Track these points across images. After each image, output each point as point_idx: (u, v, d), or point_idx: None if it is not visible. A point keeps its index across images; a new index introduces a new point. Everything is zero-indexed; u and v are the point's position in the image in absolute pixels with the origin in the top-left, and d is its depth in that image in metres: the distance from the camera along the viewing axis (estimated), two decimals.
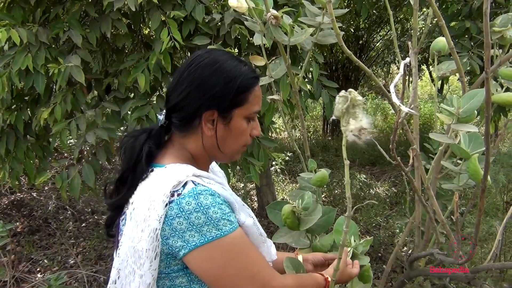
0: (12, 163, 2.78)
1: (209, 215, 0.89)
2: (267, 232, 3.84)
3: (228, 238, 0.91)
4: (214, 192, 0.93)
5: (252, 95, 1.04)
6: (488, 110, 0.90)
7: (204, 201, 0.90)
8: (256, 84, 1.05)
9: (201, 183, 0.94)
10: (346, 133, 0.92)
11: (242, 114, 1.03)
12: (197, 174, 0.97)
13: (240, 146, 1.08)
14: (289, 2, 2.56)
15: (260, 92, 1.08)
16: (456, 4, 3.31)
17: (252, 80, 1.04)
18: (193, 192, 0.91)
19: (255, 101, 1.05)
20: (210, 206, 0.90)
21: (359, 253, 1.24)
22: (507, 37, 1.36)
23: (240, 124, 1.04)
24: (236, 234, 0.92)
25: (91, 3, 2.52)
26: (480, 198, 1.06)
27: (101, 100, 2.70)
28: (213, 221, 0.89)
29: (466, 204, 2.46)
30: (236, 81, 1.01)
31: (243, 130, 1.05)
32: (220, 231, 0.90)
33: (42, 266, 3.57)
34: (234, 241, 0.92)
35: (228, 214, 0.92)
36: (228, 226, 0.91)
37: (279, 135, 7.92)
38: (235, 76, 1.02)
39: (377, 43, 8.36)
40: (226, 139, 1.05)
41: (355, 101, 0.91)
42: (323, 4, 1.28)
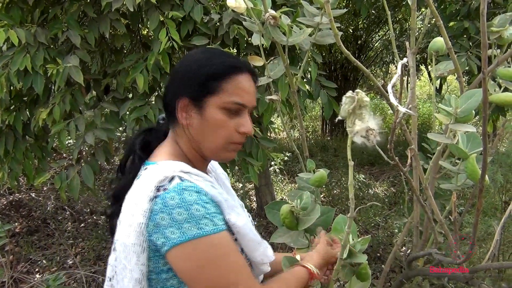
0: (11, 163, 2.78)
1: (191, 212, 0.86)
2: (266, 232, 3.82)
3: (207, 239, 0.87)
4: (201, 190, 0.90)
5: (230, 85, 0.98)
6: (485, 110, 0.90)
7: (188, 197, 0.88)
8: (236, 73, 0.99)
9: (188, 179, 0.92)
10: (351, 134, 0.91)
11: (216, 103, 0.98)
12: (186, 171, 0.94)
13: (223, 141, 1.00)
14: (288, 2, 2.56)
15: (247, 84, 1.01)
16: (455, 4, 3.31)
17: (230, 68, 0.99)
18: (178, 187, 0.89)
19: (235, 92, 0.98)
20: (194, 203, 0.87)
21: (357, 251, 1.24)
22: (505, 37, 1.37)
23: (215, 114, 0.98)
24: (217, 236, 0.88)
25: (89, 4, 2.52)
26: (478, 198, 1.06)
27: (100, 100, 2.70)
28: (194, 219, 0.86)
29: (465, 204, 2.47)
30: (209, 67, 0.98)
31: (220, 122, 0.98)
32: (201, 230, 0.86)
33: (41, 266, 3.57)
34: (213, 243, 0.88)
35: (212, 214, 0.89)
36: (209, 226, 0.87)
37: (277, 135, 7.92)
38: (210, 63, 0.99)
39: (375, 43, 8.36)
40: (203, 131, 1.00)
41: (362, 102, 0.90)
42: (322, 4, 1.28)
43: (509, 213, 1.31)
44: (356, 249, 1.23)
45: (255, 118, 2.75)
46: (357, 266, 1.27)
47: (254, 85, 1.04)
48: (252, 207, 4.79)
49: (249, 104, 1.01)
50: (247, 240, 0.97)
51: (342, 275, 1.28)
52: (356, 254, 1.23)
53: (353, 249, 1.22)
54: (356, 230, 1.31)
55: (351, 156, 0.97)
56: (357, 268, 1.26)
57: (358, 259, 1.22)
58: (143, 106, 2.51)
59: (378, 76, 10.44)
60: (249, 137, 2.60)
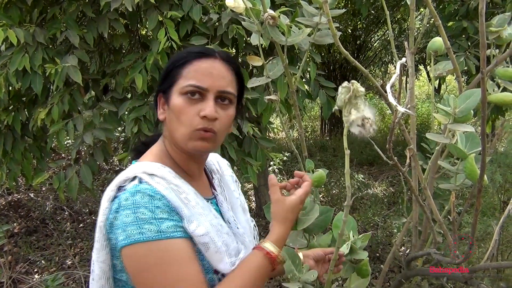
0: (10, 164, 2.78)
1: (137, 215, 0.84)
2: (265, 232, 3.83)
3: (147, 245, 0.83)
4: (156, 193, 0.87)
5: (186, 70, 0.96)
6: (484, 110, 0.90)
7: (139, 200, 0.86)
8: (196, 58, 0.97)
9: (147, 181, 0.89)
10: (347, 123, 0.93)
11: (177, 90, 0.96)
12: (149, 172, 0.92)
13: (186, 129, 0.94)
14: (287, 2, 2.56)
15: (208, 66, 0.97)
16: (453, 4, 3.32)
17: (190, 54, 0.98)
18: (133, 188, 0.88)
19: (191, 75, 0.95)
20: (141, 206, 0.85)
21: (357, 248, 1.24)
22: (503, 37, 1.37)
23: (176, 101, 0.95)
24: (159, 243, 0.84)
25: (88, 3, 2.51)
26: (477, 198, 1.06)
27: (99, 100, 2.70)
28: (138, 222, 0.84)
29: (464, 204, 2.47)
30: (174, 59, 0.99)
31: (179, 108, 0.94)
32: (142, 235, 0.83)
33: (39, 267, 3.57)
34: (153, 249, 0.84)
35: (159, 219, 0.85)
36: (152, 232, 0.83)
37: (276, 135, 7.92)
38: (176, 56, 1.00)
39: (374, 43, 8.37)
40: (171, 121, 0.97)
41: (357, 92, 0.92)
42: (320, 4, 1.28)
43: (508, 213, 1.31)
44: (356, 245, 1.23)
45: (254, 118, 2.75)
46: (358, 263, 1.28)
47: (224, 70, 0.99)
48: (251, 207, 4.79)
49: (211, 88, 0.95)
50: (210, 251, 0.91)
51: (342, 271, 1.28)
52: (357, 250, 1.23)
53: (354, 246, 1.22)
54: (356, 226, 1.32)
55: (347, 145, 0.98)
56: (358, 265, 1.27)
57: (359, 256, 1.23)
58: (142, 106, 2.51)
59: (377, 76, 10.45)
60: (248, 137, 2.62)
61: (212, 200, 1.08)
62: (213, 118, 0.94)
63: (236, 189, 1.20)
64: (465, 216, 2.99)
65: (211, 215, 0.97)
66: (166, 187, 0.90)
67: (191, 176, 1.04)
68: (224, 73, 0.99)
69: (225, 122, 0.99)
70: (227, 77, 0.99)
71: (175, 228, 0.86)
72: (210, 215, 0.97)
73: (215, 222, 0.97)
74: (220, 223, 0.99)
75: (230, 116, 1.00)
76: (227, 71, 1.00)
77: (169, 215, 0.87)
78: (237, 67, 1.04)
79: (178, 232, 0.86)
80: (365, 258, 1.24)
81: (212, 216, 0.97)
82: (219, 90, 0.96)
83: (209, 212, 0.98)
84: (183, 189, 0.94)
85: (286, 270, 1.17)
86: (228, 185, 1.17)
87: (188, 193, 0.95)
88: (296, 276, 1.15)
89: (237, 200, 1.16)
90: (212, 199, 1.08)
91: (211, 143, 0.97)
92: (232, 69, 1.01)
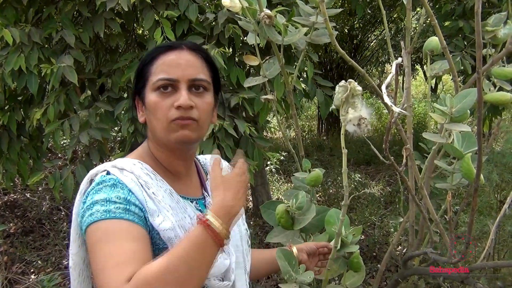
0: (6, 164, 2.77)
1: (93, 199, 0.85)
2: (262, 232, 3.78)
3: (94, 225, 0.83)
4: (118, 183, 0.88)
5: (155, 66, 0.96)
6: (480, 109, 0.90)
7: (100, 187, 0.87)
8: (162, 53, 0.96)
9: (114, 174, 0.90)
10: (344, 122, 0.93)
11: (149, 88, 0.96)
12: (120, 167, 0.92)
13: (164, 123, 0.94)
14: (283, 1, 2.56)
15: (174, 57, 0.96)
16: (450, 4, 3.32)
17: (156, 50, 0.97)
18: (100, 178, 0.90)
19: (159, 69, 0.95)
20: (100, 192, 0.86)
21: (348, 242, 1.24)
22: (499, 37, 1.37)
23: (150, 98, 0.95)
24: (103, 223, 0.82)
25: (84, 3, 2.50)
26: (473, 197, 1.06)
27: (95, 100, 2.69)
28: (91, 206, 0.85)
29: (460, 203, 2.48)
30: (142, 58, 0.99)
31: (154, 104, 0.94)
32: (91, 217, 0.83)
33: (36, 267, 3.55)
34: (98, 228, 0.82)
35: (111, 202, 0.84)
36: (99, 213, 0.83)
37: (273, 134, 7.92)
38: (145, 54, 1.00)
39: (371, 42, 8.38)
40: (150, 120, 0.97)
41: (354, 91, 0.93)
42: (317, 3, 1.28)
43: (504, 212, 1.31)
44: (348, 239, 1.23)
45: (251, 117, 2.75)
46: (350, 257, 1.28)
47: (193, 59, 0.97)
48: (248, 206, 4.79)
49: (180, 78, 0.94)
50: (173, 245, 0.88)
51: (336, 267, 1.28)
52: (348, 244, 1.23)
53: (344, 239, 1.22)
54: (348, 222, 1.32)
55: (344, 145, 0.99)
56: (350, 259, 1.27)
57: (349, 249, 1.23)
58: None
59: (373, 76, 10.47)
60: (244, 136, 2.61)
61: (199, 201, 1.06)
62: (188, 106, 0.92)
63: None
64: (462, 215, 3.00)
65: (184, 215, 0.95)
66: (131, 180, 0.89)
67: (176, 175, 1.03)
68: (192, 62, 0.97)
69: (204, 109, 0.97)
70: (197, 64, 0.98)
71: (125, 211, 0.84)
72: (182, 215, 0.95)
73: (187, 222, 0.95)
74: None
75: (208, 103, 0.98)
76: (196, 59, 0.98)
77: (125, 200, 0.85)
78: (206, 54, 1.02)
79: (128, 215, 0.84)
80: (355, 250, 1.24)
81: (183, 216, 0.95)
82: (189, 79, 0.95)
83: (183, 212, 0.96)
84: (151, 186, 0.92)
85: (282, 271, 1.17)
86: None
87: (157, 191, 0.93)
88: (293, 277, 1.15)
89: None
90: (200, 200, 1.07)
91: (192, 131, 0.95)
92: (201, 57, 1.00)
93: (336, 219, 1.28)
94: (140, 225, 0.85)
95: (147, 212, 0.88)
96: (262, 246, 3.66)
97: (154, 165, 1.00)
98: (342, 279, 1.33)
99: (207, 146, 2.30)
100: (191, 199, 1.03)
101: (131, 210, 0.85)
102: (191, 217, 0.97)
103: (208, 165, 1.18)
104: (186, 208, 0.98)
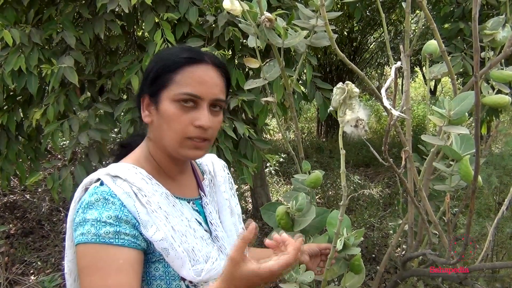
0: (3, 164, 2.77)
1: (85, 216, 0.86)
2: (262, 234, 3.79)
3: (84, 246, 0.84)
4: (112, 196, 0.88)
5: (180, 76, 0.94)
6: (478, 112, 0.91)
7: (93, 201, 0.87)
8: (189, 64, 0.95)
9: (107, 184, 0.90)
10: (342, 124, 0.95)
11: (169, 96, 0.94)
12: (113, 174, 0.92)
13: (178, 137, 0.93)
14: (283, 4, 2.57)
15: (202, 74, 0.95)
16: (449, 6, 3.33)
17: (181, 59, 0.95)
18: (93, 190, 0.89)
19: (186, 83, 0.93)
20: (93, 208, 0.86)
21: (350, 244, 1.25)
22: (498, 40, 1.38)
23: (167, 107, 0.93)
24: (92, 247, 0.84)
25: (84, 5, 2.51)
26: (471, 199, 1.07)
27: (94, 101, 2.70)
28: (84, 223, 0.85)
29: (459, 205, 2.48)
30: (163, 61, 0.97)
31: (172, 116, 0.93)
32: (83, 236, 0.84)
33: (36, 268, 3.55)
34: (87, 251, 0.84)
35: (102, 223, 0.84)
36: (90, 235, 0.84)
37: (273, 136, 7.93)
38: (165, 57, 0.97)
39: (371, 45, 8.40)
40: (161, 127, 0.95)
41: (352, 93, 0.94)
42: (317, 7, 1.29)
43: (502, 213, 1.32)
44: (350, 242, 1.24)
45: (250, 120, 2.76)
46: (351, 259, 1.29)
47: (216, 77, 0.97)
48: (248, 208, 4.80)
49: (205, 96, 0.94)
50: (169, 257, 0.90)
51: (336, 268, 1.29)
52: (349, 246, 1.24)
53: (347, 242, 1.23)
54: (350, 224, 1.32)
55: (343, 146, 1.00)
56: (351, 261, 1.28)
57: (351, 251, 1.24)
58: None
59: (373, 78, 10.48)
60: (243, 138, 2.62)
61: (195, 201, 1.06)
62: (209, 128, 0.94)
63: (228, 190, 1.18)
64: (460, 217, 3.00)
65: (180, 219, 0.95)
66: (123, 192, 0.89)
67: (172, 177, 1.03)
68: (217, 80, 0.97)
69: (217, 127, 0.99)
70: (220, 84, 0.98)
71: (115, 234, 0.85)
72: (178, 219, 0.95)
73: (184, 225, 0.95)
74: (194, 226, 0.98)
75: (220, 122, 1.00)
76: (219, 77, 0.98)
77: (116, 220, 0.86)
78: (227, 72, 1.02)
79: (118, 239, 0.85)
80: (357, 253, 1.25)
81: (180, 220, 0.95)
82: (212, 99, 0.95)
83: (179, 215, 0.96)
84: (146, 191, 0.92)
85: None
86: (219, 186, 1.15)
87: (151, 196, 0.92)
88: (293, 277, 1.16)
89: (226, 202, 1.14)
90: (196, 200, 1.07)
91: (204, 150, 0.97)
92: (223, 75, 1.00)
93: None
94: (131, 247, 0.86)
95: (140, 225, 0.88)
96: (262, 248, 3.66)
97: (151, 167, 0.99)
98: (342, 280, 1.34)
99: None
100: (188, 200, 1.04)
101: (121, 231, 0.85)
102: (188, 219, 0.98)
103: (204, 164, 1.18)
104: (182, 211, 0.98)
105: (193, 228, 0.97)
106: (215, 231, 1.04)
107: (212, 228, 1.04)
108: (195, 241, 0.95)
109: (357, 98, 0.97)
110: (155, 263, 0.91)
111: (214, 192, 1.13)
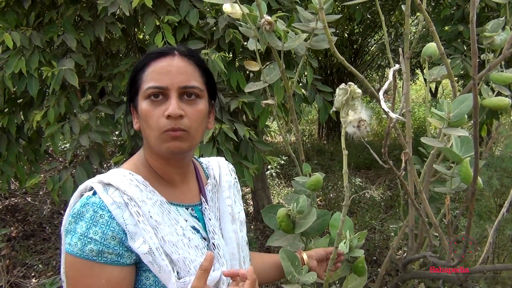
0: (3, 166, 2.77)
1: (75, 226, 0.86)
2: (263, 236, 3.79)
3: (71, 257, 0.86)
4: (102, 208, 0.87)
5: (146, 73, 0.94)
6: (476, 115, 0.91)
7: (84, 212, 0.87)
8: (154, 60, 0.94)
9: (99, 194, 0.89)
10: (345, 124, 0.96)
11: (141, 96, 0.94)
12: (106, 182, 0.91)
13: (155, 133, 0.92)
14: (283, 7, 2.57)
15: (164, 65, 0.93)
16: (449, 9, 3.33)
17: (148, 57, 0.95)
18: (85, 200, 0.88)
19: (150, 77, 0.93)
20: (83, 219, 0.86)
21: (354, 246, 1.25)
22: (497, 42, 1.38)
23: (142, 107, 0.93)
24: (79, 261, 0.85)
25: (85, 7, 2.52)
26: (470, 201, 1.07)
27: (95, 103, 2.70)
28: (72, 234, 0.86)
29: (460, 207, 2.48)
30: (135, 65, 0.97)
31: (146, 113, 0.92)
32: (70, 246, 0.85)
33: (37, 271, 3.56)
34: (74, 262, 0.86)
35: (88, 239, 0.84)
36: (77, 248, 0.84)
37: (274, 138, 7.93)
38: (138, 61, 0.97)
39: (371, 47, 8.40)
40: (144, 129, 0.95)
41: (354, 94, 0.95)
42: (316, 9, 1.29)
43: (503, 215, 1.32)
44: (353, 244, 1.24)
45: (251, 121, 2.76)
46: (354, 261, 1.29)
47: (184, 66, 0.95)
48: (249, 210, 4.79)
49: (170, 86, 0.92)
50: (154, 269, 0.88)
51: (340, 270, 1.29)
52: (353, 248, 1.24)
53: (350, 243, 1.23)
54: (352, 226, 1.33)
55: (345, 146, 1.00)
56: (355, 263, 1.28)
57: (355, 253, 1.24)
58: None
59: (374, 80, 10.50)
60: (244, 140, 2.62)
61: (195, 207, 1.04)
62: (177, 115, 0.90)
63: (232, 196, 1.14)
64: (461, 219, 3.00)
65: (174, 228, 0.93)
66: (113, 202, 0.88)
67: (171, 182, 1.01)
68: (183, 68, 0.94)
69: (195, 117, 0.94)
70: (188, 71, 0.95)
71: (99, 253, 0.85)
72: (172, 228, 0.93)
73: (176, 234, 0.93)
74: (189, 235, 0.95)
75: (199, 111, 0.96)
76: (188, 65, 0.95)
77: (102, 237, 0.85)
78: (198, 59, 0.99)
79: (101, 257, 0.85)
80: (361, 255, 1.25)
81: (173, 229, 0.93)
82: (180, 86, 0.92)
83: (173, 223, 0.94)
84: (137, 201, 0.90)
85: (285, 271, 1.18)
86: (222, 191, 1.12)
87: (143, 206, 0.90)
88: (295, 278, 1.16)
89: (227, 208, 1.10)
90: (196, 206, 1.04)
91: (184, 141, 0.93)
92: (194, 63, 0.97)
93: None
94: (114, 265, 0.86)
95: (128, 237, 0.87)
96: (263, 250, 3.66)
97: (148, 173, 0.98)
98: (344, 282, 1.34)
99: (207, 150, 2.31)
100: (186, 206, 1.01)
101: (105, 251, 0.85)
102: (183, 228, 0.95)
103: (210, 168, 1.16)
104: (177, 219, 0.96)
105: (187, 237, 0.95)
106: (212, 238, 1.01)
107: (210, 236, 1.01)
108: (188, 251, 0.93)
109: (360, 99, 0.98)
110: (146, 272, 0.90)
111: (216, 197, 1.10)
